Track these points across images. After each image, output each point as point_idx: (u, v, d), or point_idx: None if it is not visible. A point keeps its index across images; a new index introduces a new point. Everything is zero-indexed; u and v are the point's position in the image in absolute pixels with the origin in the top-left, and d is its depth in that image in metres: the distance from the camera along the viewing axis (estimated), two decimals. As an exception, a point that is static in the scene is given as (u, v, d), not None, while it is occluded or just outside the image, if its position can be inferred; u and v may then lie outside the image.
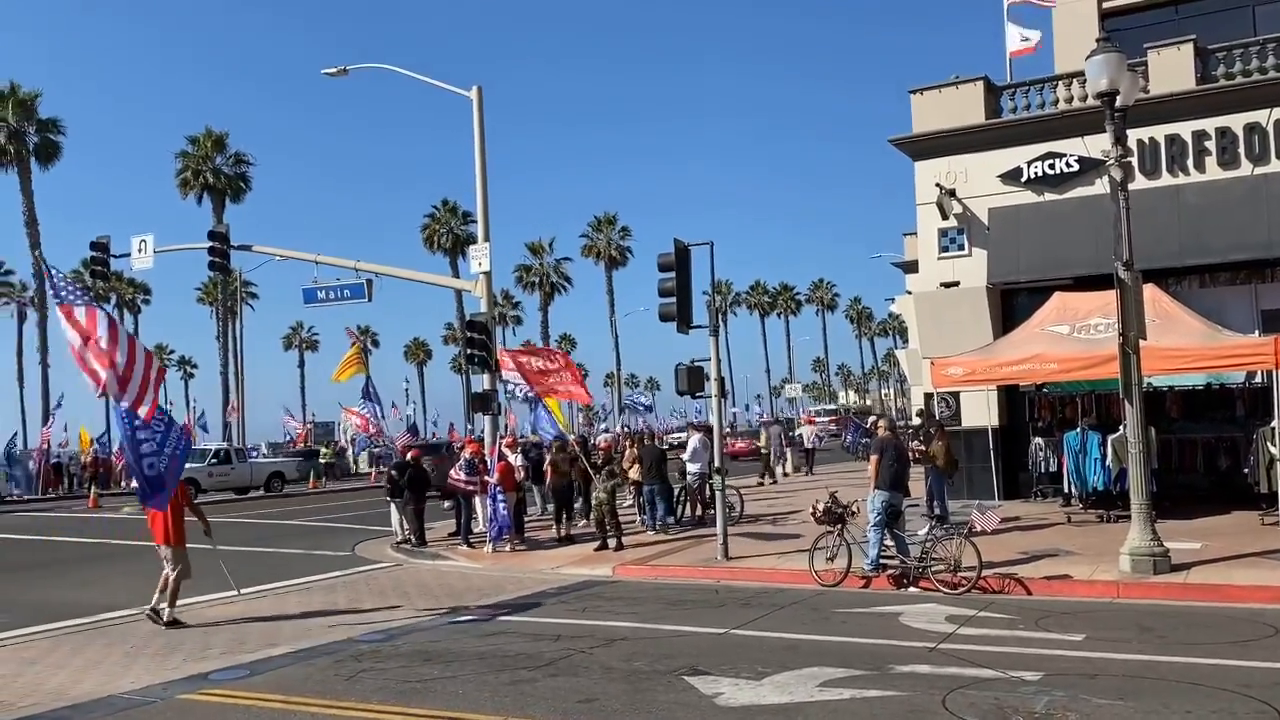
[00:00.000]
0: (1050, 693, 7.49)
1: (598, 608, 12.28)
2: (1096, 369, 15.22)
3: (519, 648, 9.91)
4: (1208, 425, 18.79)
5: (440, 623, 11.64)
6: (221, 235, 26.84)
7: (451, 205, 69.44)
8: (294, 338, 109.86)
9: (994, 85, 21.66)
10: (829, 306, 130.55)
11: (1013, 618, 10.54)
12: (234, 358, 59.28)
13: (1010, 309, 20.72)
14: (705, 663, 8.89)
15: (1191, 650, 8.77)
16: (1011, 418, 20.76)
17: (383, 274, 25.29)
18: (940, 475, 16.72)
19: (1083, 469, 16.75)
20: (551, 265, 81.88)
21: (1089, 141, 19.36)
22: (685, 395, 17.00)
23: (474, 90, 22.69)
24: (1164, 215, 18.64)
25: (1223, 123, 18.90)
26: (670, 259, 15.88)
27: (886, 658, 8.82)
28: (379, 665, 9.41)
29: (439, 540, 19.48)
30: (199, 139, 57.02)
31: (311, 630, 11.43)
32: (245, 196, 58.29)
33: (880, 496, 12.78)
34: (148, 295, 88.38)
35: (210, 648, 10.64)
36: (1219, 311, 17.83)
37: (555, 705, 7.70)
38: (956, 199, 21.10)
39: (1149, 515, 12.38)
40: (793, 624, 10.73)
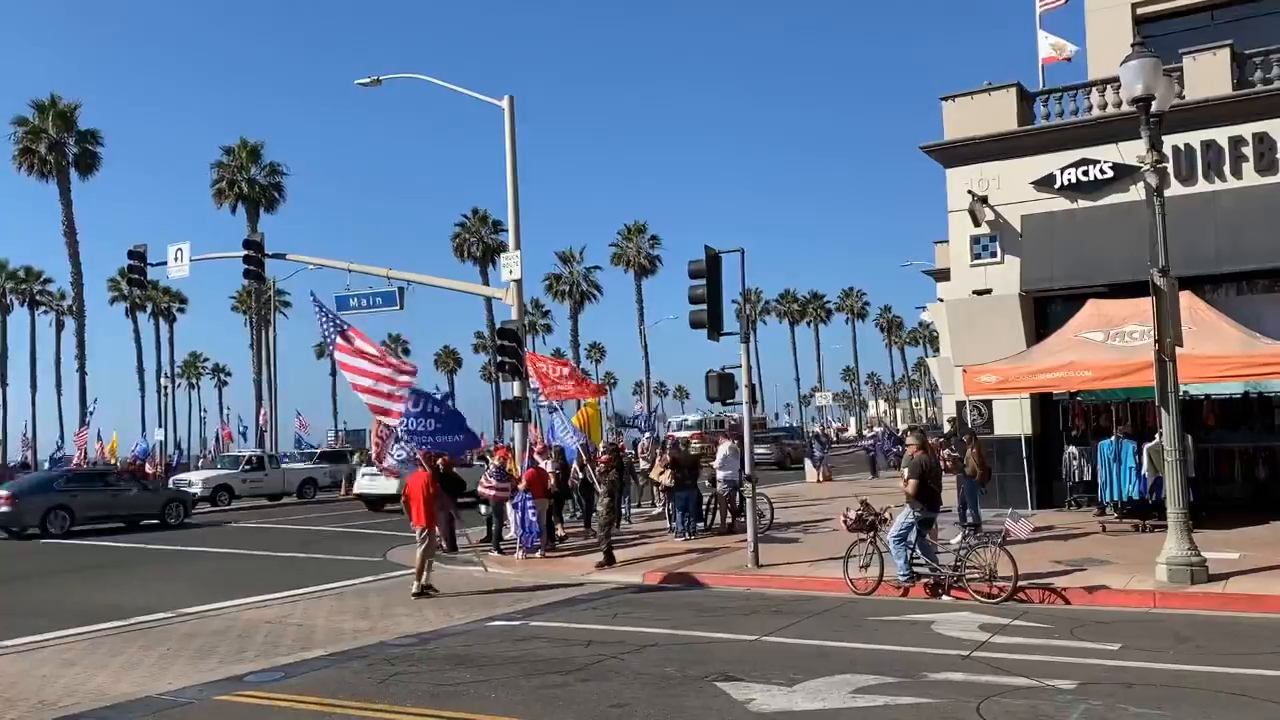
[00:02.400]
0: (1086, 701, 7.42)
1: (628, 614, 12.29)
2: (1132, 376, 15.07)
3: (550, 653, 9.94)
4: (1245, 434, 18.57)
5: (472, 628, 11.69)
6: (256, 244, 27.19)
7: (482, 214, 69.86)
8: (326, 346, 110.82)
9: (1026, 92, 21.53)
10: (859, 315, 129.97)
11: (1048, 627, 10.45)
12: (267, 366, 59.86)
13: (1043, 316, 20.56)
14: (737, 669, 8.88)
15: (1231, 660, 8.66)
16: (1045, 426, 20.58)
17: (415, 282, 25.51)
18: (973, 484, 16.61)
19: (1118, 478, 16.58)
20: (581, 274, 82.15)
21: (1123, 148, 19.18)
22: (716, 402, 17.01)
23: (505, 100, 22.83)
24: (1200, 222, 18.43)
25: (1260, 128, 18.68)
26: (701, 266, 15.92)
27: (920, 665, 8.78)
28: (411, 669, 9.47)
29: (471, 546, 19.52)
30: (234, 149, 57.65)
31: (345, 634, 11.52)
32: (279, 206, 58.90)
33: (912, 514, 12.68)
34: (183, 304, 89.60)
35: (245, 651, 10.74)
36: (1257, 319, 17.58)
37: (586, 710, 7.72)
38: (989, 206, 20.97)
39: (1186, 525, 12.24)
40: (825, 631, 10.69)
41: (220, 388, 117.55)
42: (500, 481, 18.62)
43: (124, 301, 77.77)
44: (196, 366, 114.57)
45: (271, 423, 55.49)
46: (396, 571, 17.21)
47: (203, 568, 18.69)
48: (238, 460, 38.05)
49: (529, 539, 17.70)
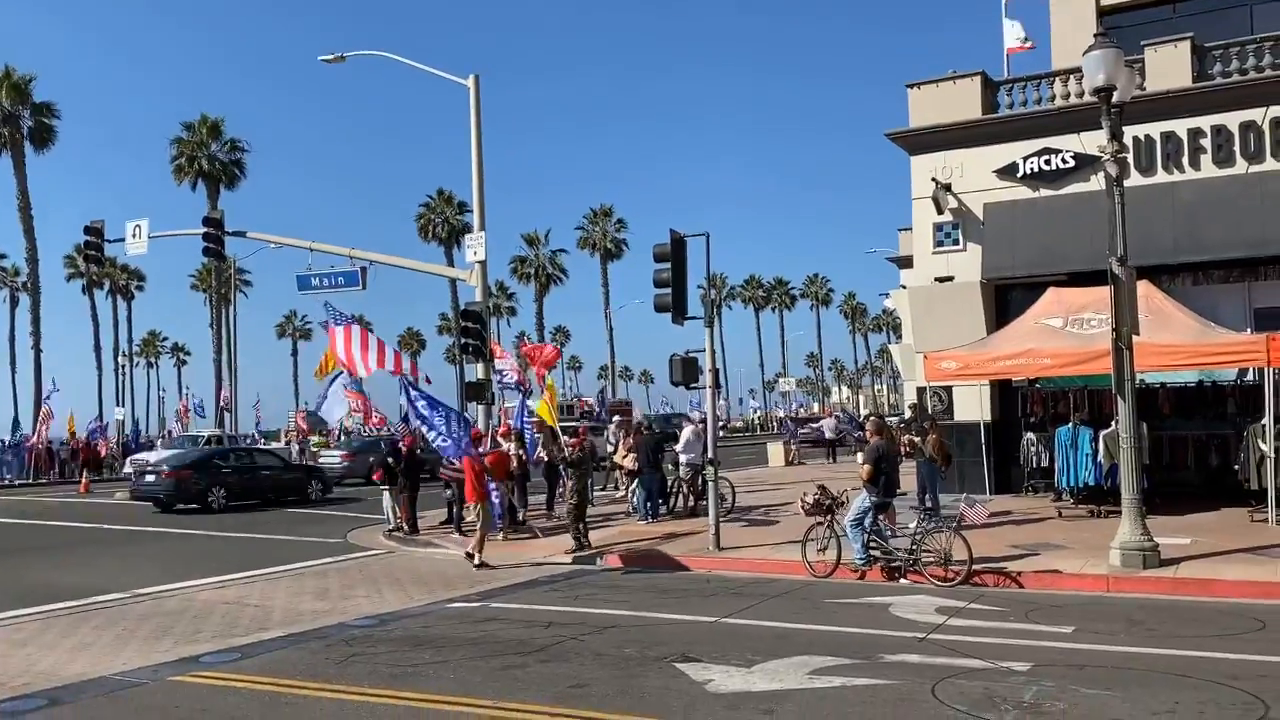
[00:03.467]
0: (1039, 683, 7.53)
1: (590, 596, 12.30)
2: (1089, 364, 15.28)
3: (510, 634, 9.93)
4: (1199, 422, 18.88)
5: (432, 609, 11.65)
6: (216, 221, 26.82)
7: (447, 195, 69.40)
8: (287, 326, 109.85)
9: (991, 80, 21.68)
10: (823, 301, 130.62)
11: (1003, 610, 10.59)
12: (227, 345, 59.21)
13: (1004, 304, 20.78)
14: (696, 650, 8.92)
15: (1179, 643, 8.82)
16: (1004, 412, 20.82)
17: (377, 262, 25.27)
18: (932, 468, 16.78)
19: (1074, 464, 16.81)
20: (547, 257, 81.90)
21: (1085, 138, 19.40)
22: (680, 386, 17.03)
23: (471, 79, 22.65)
24: (1159, 212, 18.68)
25: (1219, 120, 18.94)
26: (666, 250, 15.89)
27: (876, 647, 8.86)
28: (370, 650, 9.43)
29: (432, 528, 19.50)
30: (194, 125, 56.88)
31: (303, 615, 11.44)
32: (240, 184, 58.29)
33: (869, 499, 12.80)
34: (141, 282, 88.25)
35: (201, 631, 10.64)
36: (1212, 309, 17.89)
37: (546, 690, 7.72)
38: (952, 194, 21.13)
39: (1140, 510, 12.43)
40: (783, 613, 10.77)
41: (179, 367, 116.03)
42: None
43: (81, 279, 76.45)
44: (155, 345, 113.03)
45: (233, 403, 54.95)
46: (357, 553, 17.12)
47: (160, 548, 18.49)
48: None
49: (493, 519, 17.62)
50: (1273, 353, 14.37)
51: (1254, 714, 6.63)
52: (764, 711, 7.01)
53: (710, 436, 16.54)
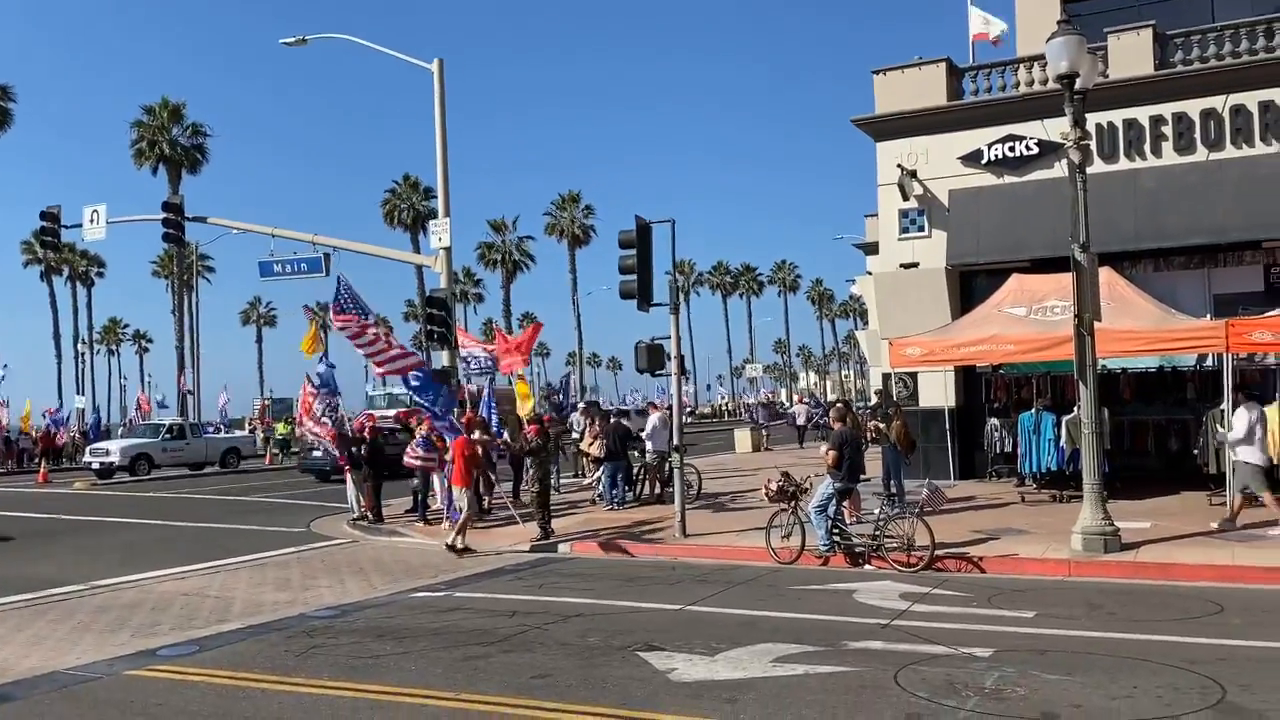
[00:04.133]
0: (1000, 668, 7.56)
1: (555, 584, 12.25)
2: (1052, 350, 15.37)
3: (473, 624, 9.85)
4: (1159, 407, 19.09)
5: (394, 599, 11.56)
6: (176, 206, 26.40)
7: (412, 180, 68.75)
8: (251, 313, 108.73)
9: (956, 67, 21.73)
10: (791, 288, 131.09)
11: (965, 595, 10.64)
12: (189, 332, 58.46)
13: (969, 290, 20.88)
14: (660, 639, 8.89)
15: (1139, 627, 8.90)
16: (968, 398, 20.95)
17: (341, 248, 24.94)
18: (897, 454, 16.84)
19: (1037, 449, 16.93)
20: (514, 243, 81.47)
21: (1048, 125, 19.48)
22: (645, 373, 16.97)
23: (435, 63, 22.44)
24: (1121, 199, 18.83)
25: (1180, 108, 19.10)
26: (631, 236, 15.80)
27: (840, 634, 8.87)
28: (331, 642, 9.32)
29: (396, 517, 19.35)
30: (155, 109, 55.93)
31: (264, 606, 11.31)
32: (203, 169, 57.42)
33: (833, 485, 12.83)
34: (101, 268, 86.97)
35: (160, 624, 10.48)
36: (1172, 295, 18.08)
37: (508, 681, 7.66)
38: (917, 180, 21.19)
39: (1101, 495, 12.54)
40: (748, 600, 10.76)
41: (141, 355, 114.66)
42: (426, 451, 18.39)
43: (39, 265, 75.25)
44: (116, 333, 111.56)
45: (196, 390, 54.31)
46: (320, 542, 16.97)
47: (120, 539, 18.22)
48: (158, 429, 37.15)
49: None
50: (1231, 338, 14.51)
51: (1211, 698, 6.68)
52: (727, 700, 6.99)
53: (676, 423, 16.51)
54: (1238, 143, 18.70)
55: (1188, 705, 6.55)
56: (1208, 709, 6.47)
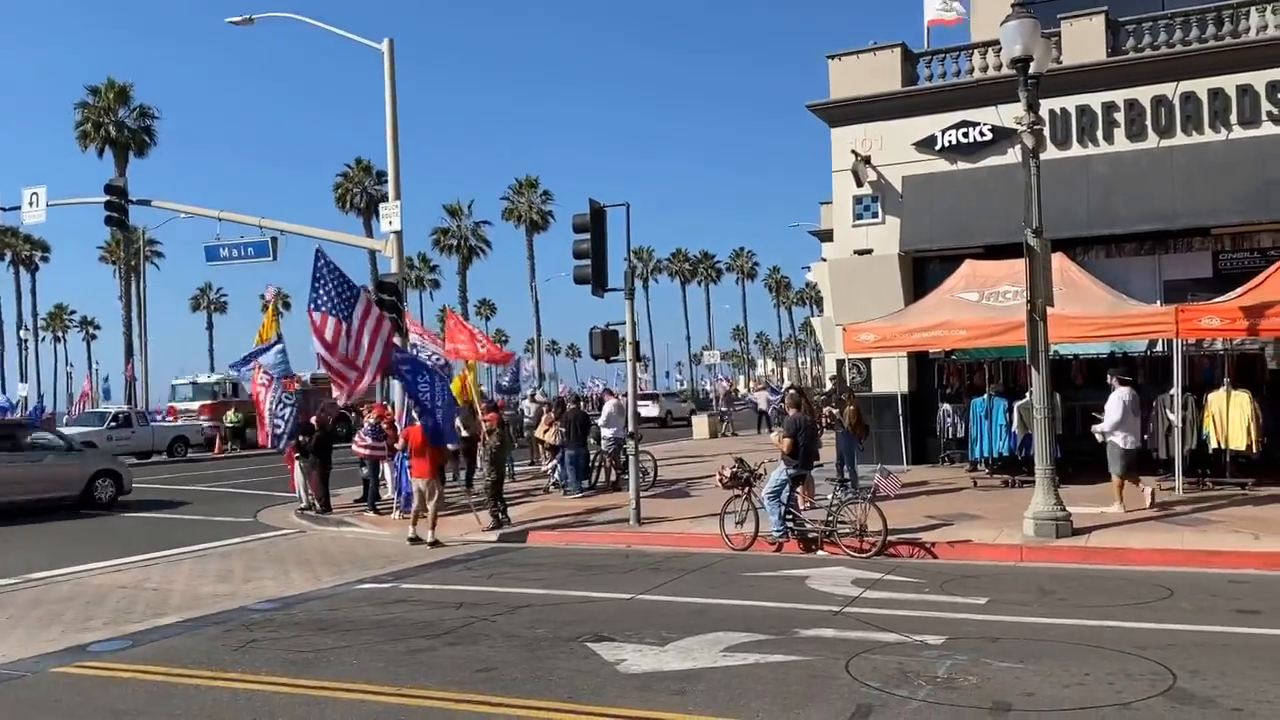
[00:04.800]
0: (953, 656, 7.47)
1: (505, 574, 12.03)
2: (1004, 336, 15.37)
3: (419, 616, 9.62)
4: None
5: (339, 591, 11.28)
6: (118, 189, 25.68)
7: (365, 164, 67.69)
8: (202, 299, 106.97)
9: (911, 52, 21.68)
10: (749, 275, 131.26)
11: (918, 581, 10.58)
12: (138, 319, 57.29)
13: (922, 276, 20.88)
14: (610, 629, 8.72)
15: (1090, 613, 8.87)
16: (921, 384, 20.97)
17: (289, 232, 24.39)
18: (851, 440, 16.79)
19: (989, 435, 16.96)
20: (470, 228, 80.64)
21: (1002, 111, 19.50)
22: (600, 359, 16.76)
23: (385, 43, 21.95)
24: (1073, 185, 18.89)
25: (1131, 95, 19.19)
26: (585, 220, 15.58)
27: (791, 621, 8.76)
28: (271, 635, 9.05)
29: (346, 506, 19.00)
30: (100, 90, 54.53)
31: (203, 599, 10.99)
32: (150, 151, 55.97)
33: (786, 471, 12.73)
34: (45, 252, 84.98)
35: (93, 618, 10.14)
36: (1124, 281, 18.17)
37: (452, 675, 7.45)
38: (871, 166, 21.13)
39: (1053, 480, 12.55)
40: (701, 588, 10.62)
41: (89, 341, 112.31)
42: (376, 439, 18.08)
43: (-21, 249, 73.40)
44: (63, 319, 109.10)
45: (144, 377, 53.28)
46: (266, 533, 16.60)
47: (58, 530, 17.71)
48: (103, 417, 36.32)
49: (405, 498, 17.24)
50: (1181, 324, 14.60)
51: (1162, 684, 6.63)
52: (675, 692, 6.84)
53: (631, 410, 16.35)
54: (1188, 130, 18.83)
55: (1139, 692, 6.49)
56: (1158, 695, 6.42)
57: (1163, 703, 6.29)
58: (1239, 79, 18.35)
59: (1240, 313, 14.35)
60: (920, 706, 6.38)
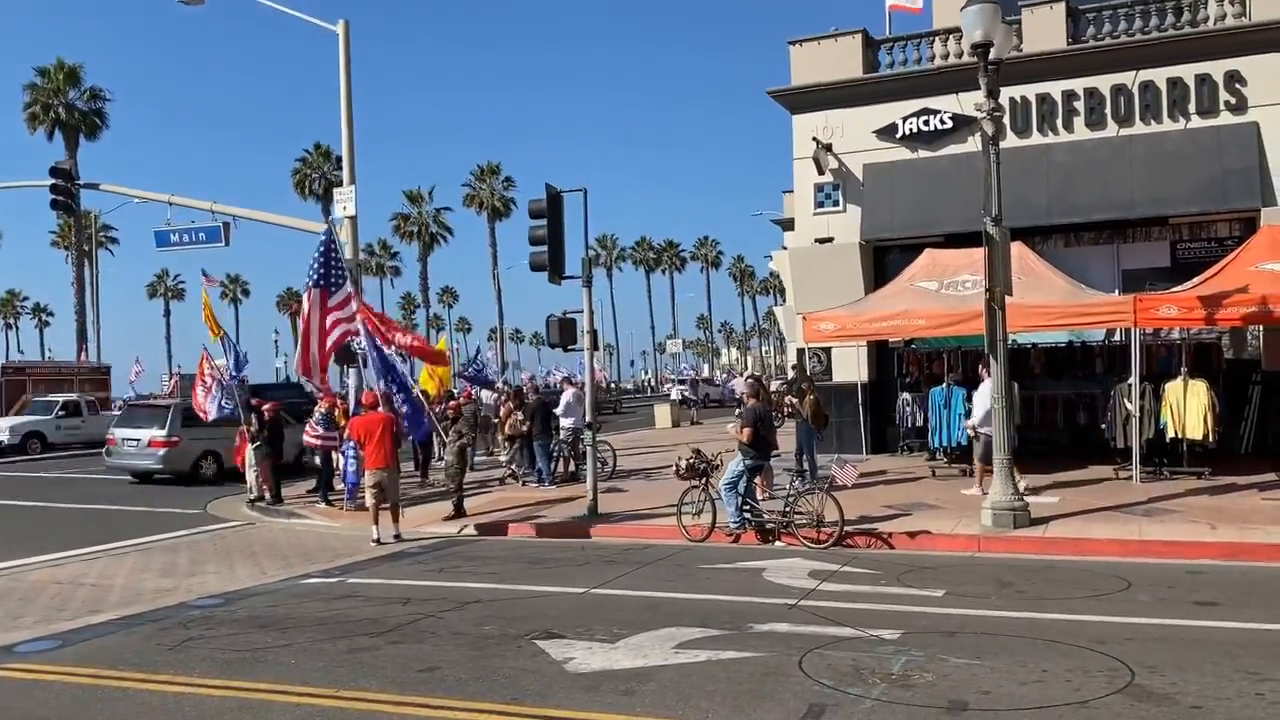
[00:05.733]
0: (908, 652, 7.32)
1: (456, 568, 11.76)
2: (963, 325, 15.27)
3: (364, 612, 9.33)
4: (1068, 382, 19.22)
5: (283, 586, 10.96)
6: (64, 172, 25.03)
7: (324, 149, 66.87)
8: (159, 286, 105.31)
9: (872, 39, 21.53)
10: (713, 264, 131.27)
11: (875, 573, 10.44)
12: (91, 304, 56.11)
13: (883, 265, 20.78)
14: (560, 625, 8.49)
15: (1048, 606, 8.76)
16: (881, 373, 20.89)
17: (241, 217, 23.85)
18: (810, 430, 16.65)
19: (948, 424, 16.89)
20: (431, 215, 79.96)
21: (963, 99, 19.38)
22: (557, 347, 16.49)
23: (340, 24, 21.47)
24: (1034, 174, 18.85)
25: (1091, 83, 19.14)
26: (542, 205, 15.30)
27: (746, 616, 8.57)
28: (209, 633, 8.73)
29: (298, 497, 18.63)
30: (49, 71, 53.26)
31: (143, 595, 10.63)
32: (102, 134, 54.77)
33: (744, 461, 12.54)
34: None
35: (24, 616, 9.76)
36: (1083, 270, 18.14)
37: (393, 676, 7.18)
38: (832, 154, 20.97)
39: (1011, 470, 12.46)
40: (656, 582, 10.42)
41: (41, 329, 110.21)
42: (327, 430, 17.72)
43: (-74, 234, 71.62)
44: (14, 305, 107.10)
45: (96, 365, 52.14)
46: (214, 525, 16.20)
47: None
48: (51, 405, 35.49)
49: (350, 490, 16.95)
50: (1139, 314, 14.58)
51: (1120, 681, 6.50)
52: (624, 693, 6.61)
53: (589, 399, 16.11)
54: (1146, 119, 18.82)
55: (1097, 689, 6.35)
56: (1116, 693, 6.28)
57: (1121, 700, 6.15)
58: (1197, 68, 18.36)
59: (1198, 302, 14.35)
60: (874, 706, 6.21)
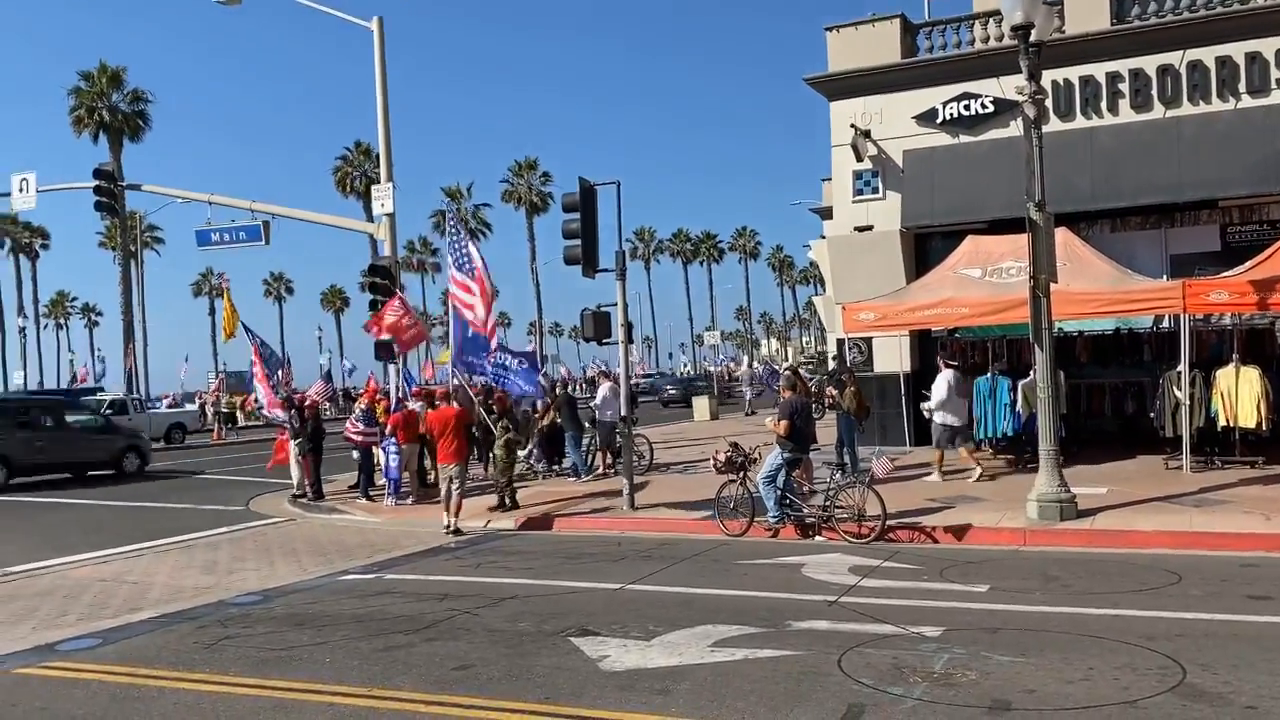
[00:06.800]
0: (950, 650, 7.13)
1: (493, 564, 11.72)
2: (1007, 313, 14.97)
3: (401, 609, 9.30)
4: (1116, 370, 18.82)
5: (322, 582, 10.97)
6: (107, 173, 25.38)
7: (365, 147, 67.19)
8: (203, 284, 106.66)
9: (910, 24, 21.18)
10: (751, 254, 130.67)
11: (917, 568, 10.24)
12: (137, 304, 57.02)
13: (924, 253, 20.45)
14: (595, 622, 8.40)
15: (1096, 600, 8.52)
16: (923, 363, 20.55)
17: (280, 215, 24.10)
18: (851, 422, 16.43)
19: (992, 415, 16.56)
20: (470, 211, 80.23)
21: (1004, 82, 19.01)
22: (591, 341, 16.41)
23: (374, 21, 21.54)
24: (1077, 158, 18.44)
25: (1136, 64, 18.68)
26: (575, 199, 15.20)
27: (784, 613, 8.42)
28: (245, 631, 8.74)
29: (339, 493, 18.74)
30: (93, 75, 54.10)
31: (183, 592, 10.70)
32: (145, 135, 55.62)
33: (782, 455, 12.37)
34: (45, 240, 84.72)
35: (67, 613, 9.85)
36: (1129, 256, 17.73)
37: (427, 674, 7.12)
38: (871, 140, 20.66)
39: (1057, 461, 12.18)
40: (692, 577, 10.29)
41: (90, 328, 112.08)
42: (368, 425, 17.77)
43: (-21, 237, 73.09)
44: (64, 306, 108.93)
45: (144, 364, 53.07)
46: (256, 521, 16.32)
47: (45, 520, 17.48)
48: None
49: (392, 485, 17.00)
50: (1188, 299, 14.21)
51: (1171, 679, 6.28)
52: (658, 692, 6.50)
53: (624, 393, 16.01)
54: (1195, 99, 18.33)
55: (1147, 688, 6.14)
56: (1167, 692, 6.07)
57: (1172, 700, 5.94)
58: (1247, 46, 17.84)
59: (1250, 287, 13.95)
60: (915, 706, 6.04)
